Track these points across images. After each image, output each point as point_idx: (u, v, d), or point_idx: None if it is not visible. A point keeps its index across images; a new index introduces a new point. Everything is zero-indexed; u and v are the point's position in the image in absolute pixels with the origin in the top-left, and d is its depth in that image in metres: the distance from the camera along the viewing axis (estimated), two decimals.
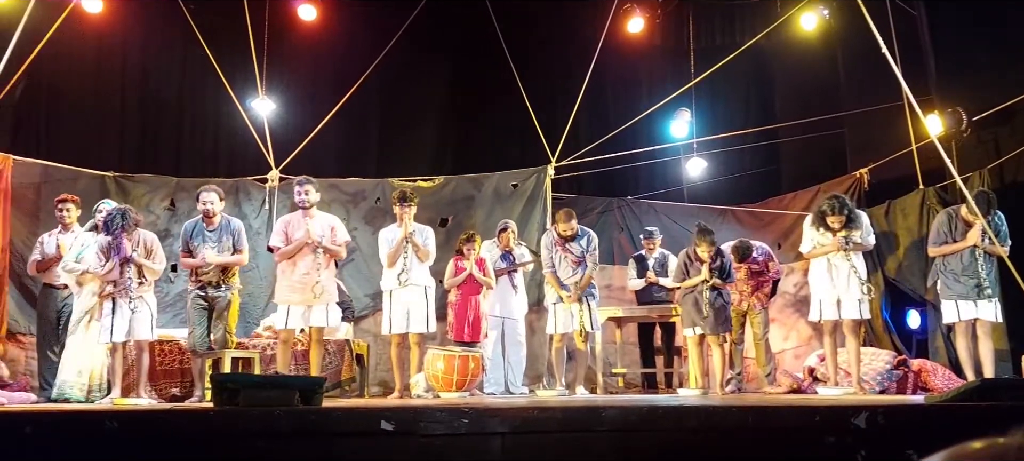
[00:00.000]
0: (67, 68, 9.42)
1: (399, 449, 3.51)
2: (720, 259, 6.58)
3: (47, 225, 6.97)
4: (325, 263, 6.27)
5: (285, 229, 6.36)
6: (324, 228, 6.33)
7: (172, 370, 6.83)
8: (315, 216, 6.38)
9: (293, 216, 6.47)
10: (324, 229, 6.32)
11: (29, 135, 9.42)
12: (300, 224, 6.33)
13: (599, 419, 3.64)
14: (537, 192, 8.73)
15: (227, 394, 3.68)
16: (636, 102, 10.04)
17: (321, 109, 9.27)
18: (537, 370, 8.10)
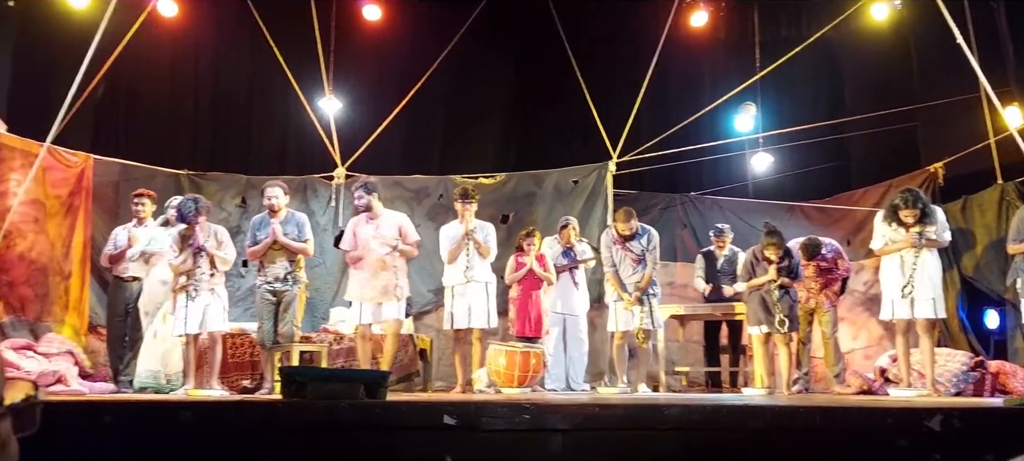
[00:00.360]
0: (144, 71, 9.77)
1: (461, 443, 3.55)
2: (788, 260, 6.45)
3: (125, 221, 7.24)
4: (399, 265, 6.36)
5: (354, 230, 6.48)
6: (392, 227, 6.42)
7: (243, 363, 7.04)
8: (383, 215, 6.47)
9: (360, 218, 6.58)
10: (392, 228, 6.41)
11: (109, 135, 9.82)
12: (365, 226, 6.45)
13: (661, 417, 3.61)
14: (598, 188, 8.69)
15: (295, 387, 3.78)
16: (699, 97, 9.90)
17: (386, 107, 9.41)
18: (599, 367, 8.07)
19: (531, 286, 7.01)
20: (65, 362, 6.61)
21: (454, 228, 6.78)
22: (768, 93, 10.11)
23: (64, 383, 6.23)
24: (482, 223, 6.89)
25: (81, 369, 6.79)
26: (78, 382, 6.42)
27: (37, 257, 7.65)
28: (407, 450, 3.57)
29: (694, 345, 8.42)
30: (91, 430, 3.41)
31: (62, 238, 7.90)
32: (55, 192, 7.92)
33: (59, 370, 6.35)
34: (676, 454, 3.52)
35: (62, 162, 8.03)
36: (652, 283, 6.74)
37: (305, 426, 3.53)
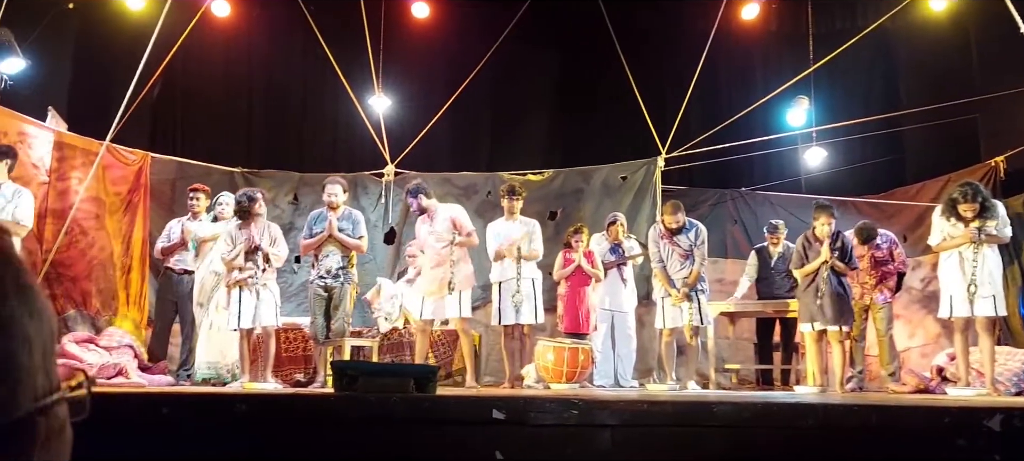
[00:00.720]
0: (199, 70, 10.01)
1: (509, 438, 3.56)
2: (841, 240, 6.32)
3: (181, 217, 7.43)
4: (459, 256, 6.41)
5: (417, 228, 6.63)
6: (445, 222, 6.47)
7: (296, 356, 7.18)
8: (438, 211, 6.53)
9: (421, 221, 6.66)
10: (445, 223, 6.46)
11: (166, 134, 10.09)
12: (422, 224, 6.52)
13: (711, 414, 3.58)
14: (646, 184, 8.64)
15: (347, 380, 3.84)
16: (751, 90, 9.76)
17: (434, 105, 9.49)
18: (647, 364, 8.03)
19: (580, 282, 7.00)
20: (125, 355, 6.80)
21: (501, 225, 6.81)
22: (822, 86, 9.90)
23: (124, 375, 6.41)
24: (528, 220, 6.91)
25: (140, 362, 6.98)
26: (137, 374, 6.60)
27: (98, 253, 7.90)
28: (456, 444, 3.60)
29: (745, 342, 8.32)
30: (149, 422, 3.51)
31: (122, 234, 8.15)
32: (115, 189, 8.17)
33: (120, 363, 6.53)
34: (725, 452, 3.49)
35: (121, 160, 8.27)
36: (700, 279, 6.68)
37: (356, 419, 3.58)
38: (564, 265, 7.05)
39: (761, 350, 7.91)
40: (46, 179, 7.58)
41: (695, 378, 7.02)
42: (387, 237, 9.04)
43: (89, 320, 7.68)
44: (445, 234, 6.39)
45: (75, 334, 6.95)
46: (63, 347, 6.37)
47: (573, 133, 10.80)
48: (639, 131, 8.96)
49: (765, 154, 9.83)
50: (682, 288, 6.58)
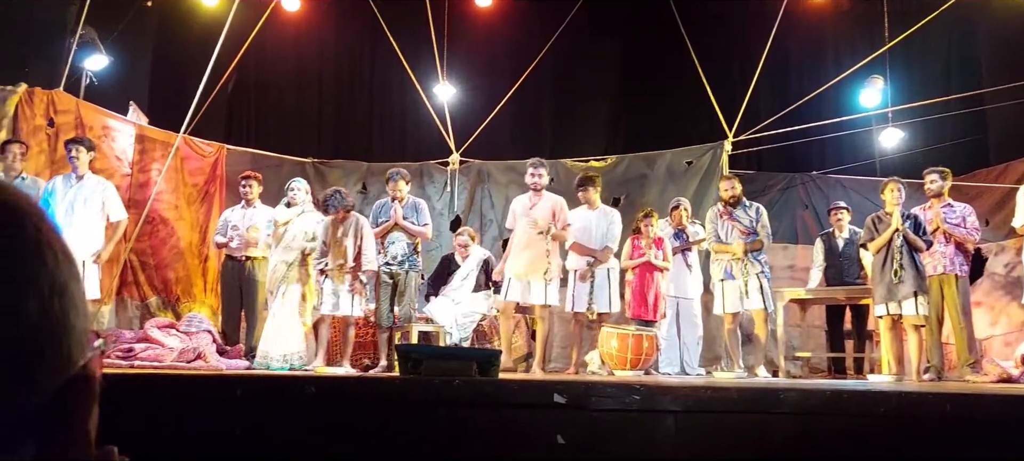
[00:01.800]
0: (271, 65, 10.29)
1: (571, 422, 3.58)
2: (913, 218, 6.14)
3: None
4: (553, 248, 6.46)
5: (512, 208, 6.62)
6: (546, 209, 6.52)
7: (365, 342, 7.33)
8: (544, 196, 6.58)
9: (520, 198, 6.68)
10: (546, 209, 6.51)
11: (240, 126, 10.42)
12: (524, 206, 6.55)
13: (777, 401, 3.52)
14: (713, 169, 8.50)
15: (411, 364, 3.91)
16: (822, 71, 9.49)
17: (498, 93, 9.54)
18: (714, 352, 7.92)
19: (647, 268, 6.94)
20: (204, 339, 7.04)
21: (580, 215, 6.87)
22: (897, 65, 9.56)
23: (203, 359, 6.65)
24: (609, 210, 6.94)
25: (218, 346, 7.22)
26: (216, 358, 6.83)
27: (177, 242, 8.22)
28: (518, 428, 3.64)
29: (816, 330, 8.12)
30: (225, 402, 3.65)
31: (199, 224, 8.45)
32: (192, 181, 8.47)
33: (199, 347, 6.77)
34: (793, 440, 3.43)
35: (198, 152, 8.57)
36: (763, 263, 6.53)
37: (420, 402, 3.65)
38: (633, 251, 6.99)
39: (832, 338, 7.71)
40: (128, 171, 7.91)
41: (765, 366, 6.90)
42: (453, 224, 9.15)
43: (170, 306, 8.00)
44: (543, 220, 6.44)
45: (157, 319, 7.22)
46: (146, 332, 6.65)
47: (636, 118, 10.70)
48: (705, 114, 8.83)
49: (837, 136, 9.55)
50: (740, 244, 6.45)
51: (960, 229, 6.47)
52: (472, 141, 9.28)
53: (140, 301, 7.93)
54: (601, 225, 6.82)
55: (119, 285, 7.79)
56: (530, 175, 6.56)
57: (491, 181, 9.23)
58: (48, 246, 0.54)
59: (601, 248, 6.72)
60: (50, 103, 7.22)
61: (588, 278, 6.66)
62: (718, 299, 6.71)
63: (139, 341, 6.54)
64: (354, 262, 6.32)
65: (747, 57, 9.04)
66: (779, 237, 8.60)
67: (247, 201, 7.20)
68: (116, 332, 7.07)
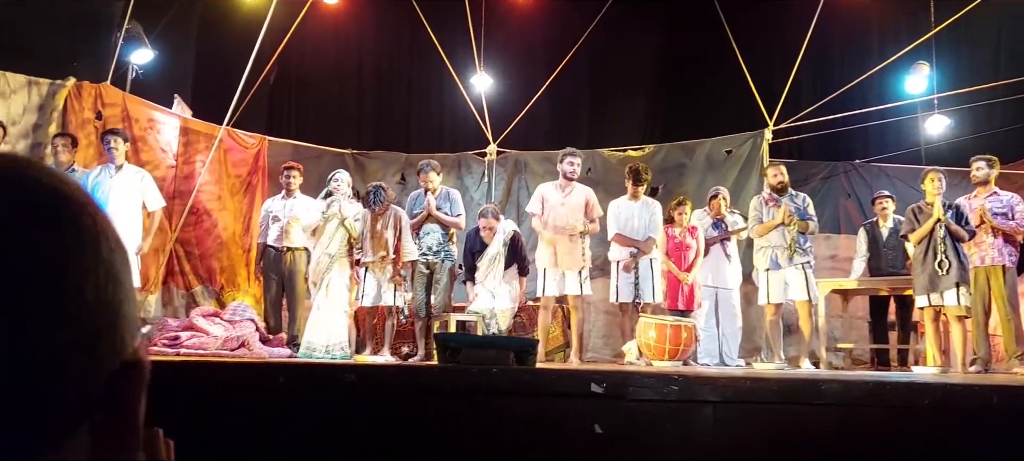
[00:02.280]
0: (312, 57, 10.41)
1: (608, 412, 3.59)
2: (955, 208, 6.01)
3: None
4: (586, 240, 6.49)
5: (541, 197, 6.59)
6: (581, 199, 6.54)
7: (404, 331, 7.41)
8: (575, 186, 6.60)
9: (549, 186, 6.68)
10: (581, 200, 6.54)
11: (282, 118, 10.56)
12: (557, 195, 6.57)
13: (818, 392, 3.49)
14: (753, 157, 8.40)
15: (449, 352, 3.94)
16: (866, 57, 9.30)
17: (534, 83, 9.53)
18: (754, 343, 7.85)
19: (682, 259, 6.91)
20: (248, 328, 7.16)
21: (622, 205, 6.86)
22: (944, 50, 9.32)
23: (247, 347, 6.78)
24: (650, 200, 6.94)
25: (262, 334, 7.36)
26: (259, 346, 6.96)
27: (221, 232, 8.37)
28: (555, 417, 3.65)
29: (858, 321, 8.01)
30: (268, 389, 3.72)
31: (242, 214, 8.60)
32: (235, 172, 8.62)
33: (243, 335, 6.90)
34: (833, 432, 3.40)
35: (240, 144, 8.72)
36: (807, 252, 6.45)
37: (458, 390, 3.68)
38: (667, 241, 6.97)
39: (875, 329, 7.59)
40: (173, 163, 8.08)
41: (807, 358, 6.82)
42: None
43: (214, 295, 8.16)
44: (577, 211, 6.46)
45: (202, 308, 7.37)
46: (191, 320, 6.79)
47: (675, 107, 10.61)
48: (745, 103, 8.71)
49: (881, 124, 9.35)
50: (787, 212, 6.37)
51: (1006, 219, 6.31)
52: (509, 132, 9.29)
53: (186, 290, 8.10)
54: (643, 216, 6.84)
55: (165, 274, 7.96)
56: (569, 163, 6.57)
57: (528, 171, 9.24)
58: (103, 235, 0.56)
59: (644, 239, 6.72)
60: (98, 97, 7.40)
61: (632, 269, 6.65)
62: (762, 289, 6.64)
63: (185, 329, 6.69)
64: (394, 254, 6.41)
65: (788, 43, 8.88)
66: (821, 227, 8.46)
67: (288, 191, 7.29)
68: (162, 320, 7.23)
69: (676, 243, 6.92)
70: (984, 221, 6.24)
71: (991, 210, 6.31)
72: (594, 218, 6.54)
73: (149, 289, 7.67)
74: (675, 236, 6.93)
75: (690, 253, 6.91)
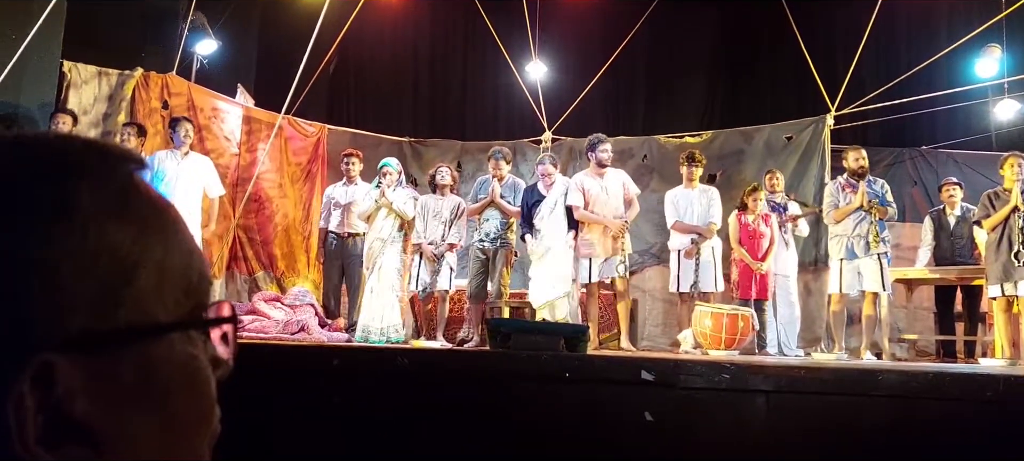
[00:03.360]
0: (370, 47, 10.55)
1: (659, 400, 3.58)
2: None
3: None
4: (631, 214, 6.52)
5: (581, 186, 6.58)
6: (618, 183, 6.53)
7: (459, 316, 7.49)
8: (609, 173, 6.58)
9: (586, 176, 6.64)
10: (618, 184, 6.53)
11: (341, 107, 10.75)
12: (592, 181, 6.55)
13: (875, 383, 3.42)
14: (814, 144, 8.19)
15: (500, 337, 3.98)
16: (933, 40, 8.98)
17: (590, 70, 9.47)
18: (814, 333, 7.70)
19: (755, 246, 6.76)
20: (307, 312, 7.34)
21: (680, 193, 6.82)
22: (1016, 32, 8.95)
23: (307, 331, 6.95)
24: (707, 187, 6.89)
25: (321, 319, 7.52)
26: (318, 331, 7.13)
27: (282, 219, 8.57)
28: (606, 403, 3.66)
29: (924, 312, 7.78)
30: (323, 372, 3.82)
31: (303, 201, 8.79)
32: (296, 160, 8.81)
33: (303, 319, 7.07)
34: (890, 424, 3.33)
35: (301, 132, 8.90)
36: (884, 241, 6.27)
37: (508, 375, 3.71)
38: (739, 228, 6.84)
39: (941, 320, 7.36)
40: (236, 151, 8.29)
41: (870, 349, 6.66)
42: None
43: (275, 280, 8.37)
44: (617, 195, 6.44)
45: (263, 293, 7.58)
46: (254, 305, 6.99)
47: (733, 93, 10.43)
48: (806, 87, 8.49)
49: (949, 109, 9.03)
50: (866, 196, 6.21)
51: None
52: (564, 119, 9.27)
53: (248, 275, 8.33)
54: (702, 202, 6.76)
55: (228, 260, 8.20)
56: (602, 151, 6.52)
57: (583, 159, 9.20)
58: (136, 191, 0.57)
59: (705, 225, 6.66)
60: (164, 86, 7.64)
61: (694, 256, 6.60)
62: (834, 277, 6.47)
63: (247, 313, 6.88)
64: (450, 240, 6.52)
65: (851, 26, 8.64)
66: None
67: (349, 178, 7.43)
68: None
69: (749, 231, 6.79)
70: None
71: None
72: (631, 199, 6.49)
73: (214, 274, 7.90)
74: (748, 224, 6.80)
75: (764, 241, 6.76)
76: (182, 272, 0.57)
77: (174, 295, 0.56)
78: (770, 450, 3.44)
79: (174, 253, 0.57)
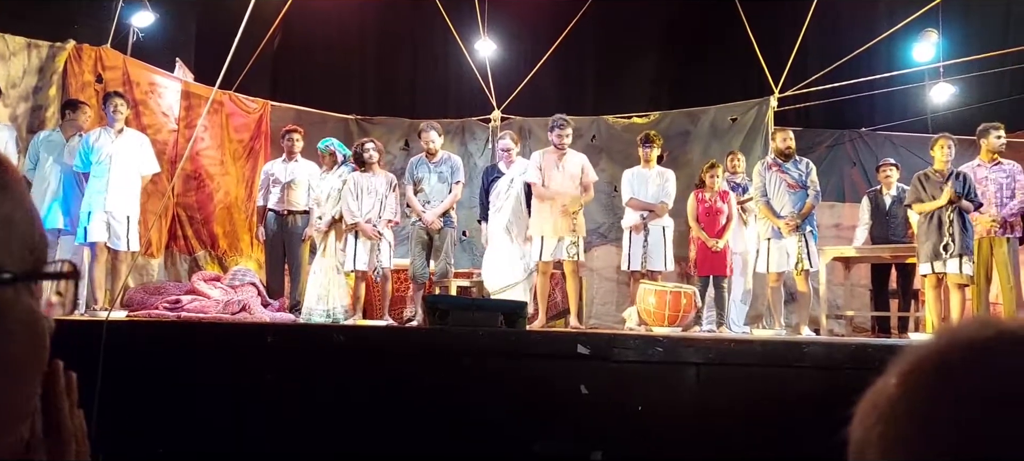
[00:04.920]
0: (316, 22, 10.34)
1: (595, 373, 3.62)
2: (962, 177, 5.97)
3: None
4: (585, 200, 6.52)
5: (539, 165, 6.54)
6: (577, 166, 6.53)
7: (404, 296, 7.45)
8: (569, 155, 6.56)
9: (546, 154, 6.61)
10: (577, 167, 6.52)
11: (286, 83, 10.54)
12: (552, 162, 6.52)
13: (801, 355, 3.51)
14: (758, 125, 8.33)
15: (438, 314, 3.97)
16: (873, 24, 9.16)
17: (540, 49, 9.45)
18: (757, 310, 7.84)
19: (713, 224, 6.81)
20: (249, 292, 7.21)
21: (637, 173, 6.85)
22: (953, 17, 9.17)
23: (248, 311, 6.83)
24: (663, 168, 6.95)
25: (263, 299, 7.42)
26: (260, 310, 7.02)
27: (224, 197, 8.41)
28: (542, 377, 3.68)
29: (861, 289, 7.99)
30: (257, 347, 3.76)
31: (245, 179, 8.63)
32: (238, 137, 8.64)
33: (244, 299, 6.95)
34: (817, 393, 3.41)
35: (243, 109, 8.72)
36: (810, 220, 6.42)
37: (446, 351, 3.71)
38: (697, 205, 6.85)
39: (877, 297, 7.57)
40: (174, 127, 8.09)
41: (808, 324, 6.81)
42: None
43: (217, 260, 8.22)
44: (574, 177, 6.44)
45: (204, 273, 7.44)
46: (193, 284, 6.85)
47: (680, 74, 10.51)
48: (751, 69, 8.61)
49: (887, 92, 9.24)
50: (792, 218, 6.34)
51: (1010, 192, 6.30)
52: (514, 98, 9.25)
53: (188, 255, 8.16)
54: (657, 182, 6.81)
55: (168, 239, 8.02)
56: (557, 136, 6.50)
57: (533, 138, 9.20)
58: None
59: (657, 203, 6.70)
60: (98, 59, 7.40)
61: (642, 230, 6.63)
62: (763, 257, 6.61)
63: (186, 293, 6.75)
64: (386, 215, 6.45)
65: (795, 9, 8.75)
66: (826, 195, 8.42)
67: (289, 154, 7.31)
68: (164, 284, 7.30)
69: (706, 207, 6.80)
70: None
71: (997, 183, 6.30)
72: (588, 185, 6.51)
73: (152, 253, 7.73)
74: (706, 200, 6.83)
75: (722, 218, 6.78)
76: (27, 230, 0.61)
77: (20, 251, 0.60)
78: (701, 419, 3.50)
79: (20, 210, 0.60)
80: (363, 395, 3.73)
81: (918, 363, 0.56)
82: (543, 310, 6.37)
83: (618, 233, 7.73)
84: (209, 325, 4.59)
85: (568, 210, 6.30)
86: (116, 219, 6.11)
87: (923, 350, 0.57)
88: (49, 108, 6.60)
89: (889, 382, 0.58)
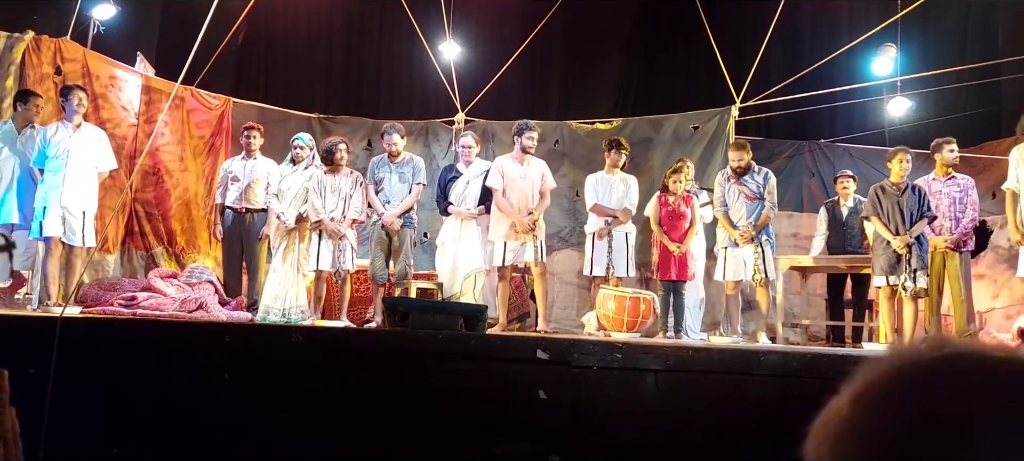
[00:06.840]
0: (281, 18, 10.26)
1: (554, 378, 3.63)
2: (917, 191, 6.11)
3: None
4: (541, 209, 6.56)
5: (502, 170, 6.55)
6: (538, 172, 6.56)
7: (366, 297, 7.40)
8: (532, 162, 6.58)
9: (507, 159, 6.64)
10: (538, 172, 6.55)
11: (249, 80, 10.43)
12: (516, 170, 6.54)
13: (758, 363, 3.56)
14: (719, 133, 8.42)
15: (399, 316, 3.95)
16: (834, 37, 9.35)
17: (505, 53, 9.46)
18: (715, 317, 7.93)
19: (675, 228, 6.85)
20: (206, 290, 7.12)
21: (601, 179, 6.88)
22: (912, 33, 9.40)
23: (205, 310, 6.74)
24: (626, 175, 7.00)
25: (221, 297, 7.32)
26: (217, 309, 6.92)
27: (183, 194, 8.27)
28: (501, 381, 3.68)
29: (817, 298, 8.12)
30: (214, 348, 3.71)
31: (205, 176, 8.50)
32: (198, 133, 8.51)
33: (201, 297, 6.86)
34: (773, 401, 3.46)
35: (204, 105, 8.59)
36: (767, 229, 6.52)
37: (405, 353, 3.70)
38: (660, 207, 6.84)
39: (833, 306, 7.70)
40: (135, 121, 7.95)
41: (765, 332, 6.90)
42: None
43: (174, 257, 8.08)
44: (534, 184, 6.47)
45: (160, 270, 7.31)
46: (149, 281, 6.74)
47: (645, 81, 10.61)
48: (715, 79, 8.72)
49: (847, 105, 9.43)
50: (748, 229, 6.44)
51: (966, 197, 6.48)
52: (478, 100, 9.25)
53: (145, 251, 8.02)
54: (621, 189, 6.87)
55: (124, 235, 7.87)
56: (528, 138, 6.55)
57: (496, 141, 9.21)
58: None
59: (621, 209, 6.75)
60: (57, 51, 7.24)
61: (606, 236, 6.68)
62: (720, 265, 6.69)
63: (142, 290, 6.64)
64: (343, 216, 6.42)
65: (758, 21, 8.91)
66: (785, 205, 8.56)
67: (248, 152, 7.25)
68: (119, 281, 7.17)
69: (669, 211, 6.80)
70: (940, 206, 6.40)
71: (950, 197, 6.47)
72: (545, 193, 6.56)
73: (108, 249, 7.58)
74: (669, 203, 6.85)
75: (684, 222, 6.80)
76: None
77: None
78: (660, 425, 3.53)
79: None
80: (321, 397, 3.70)
81: (867, 385, 0.57)
82: (503, 314, 6.38)
83: (579, 237, 7.77)
84: (165, 323, 4.51)
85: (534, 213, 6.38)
86: (72, 214, 5.99)
87: (873, 371, 0.58)
88: (6, 100, 6.43)
89: (841, 402, 0.59)
